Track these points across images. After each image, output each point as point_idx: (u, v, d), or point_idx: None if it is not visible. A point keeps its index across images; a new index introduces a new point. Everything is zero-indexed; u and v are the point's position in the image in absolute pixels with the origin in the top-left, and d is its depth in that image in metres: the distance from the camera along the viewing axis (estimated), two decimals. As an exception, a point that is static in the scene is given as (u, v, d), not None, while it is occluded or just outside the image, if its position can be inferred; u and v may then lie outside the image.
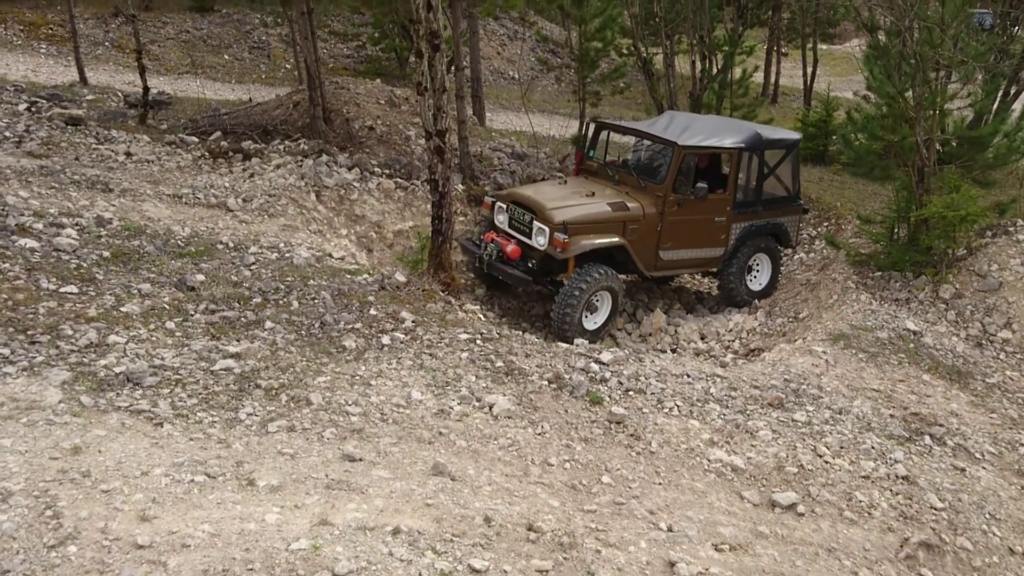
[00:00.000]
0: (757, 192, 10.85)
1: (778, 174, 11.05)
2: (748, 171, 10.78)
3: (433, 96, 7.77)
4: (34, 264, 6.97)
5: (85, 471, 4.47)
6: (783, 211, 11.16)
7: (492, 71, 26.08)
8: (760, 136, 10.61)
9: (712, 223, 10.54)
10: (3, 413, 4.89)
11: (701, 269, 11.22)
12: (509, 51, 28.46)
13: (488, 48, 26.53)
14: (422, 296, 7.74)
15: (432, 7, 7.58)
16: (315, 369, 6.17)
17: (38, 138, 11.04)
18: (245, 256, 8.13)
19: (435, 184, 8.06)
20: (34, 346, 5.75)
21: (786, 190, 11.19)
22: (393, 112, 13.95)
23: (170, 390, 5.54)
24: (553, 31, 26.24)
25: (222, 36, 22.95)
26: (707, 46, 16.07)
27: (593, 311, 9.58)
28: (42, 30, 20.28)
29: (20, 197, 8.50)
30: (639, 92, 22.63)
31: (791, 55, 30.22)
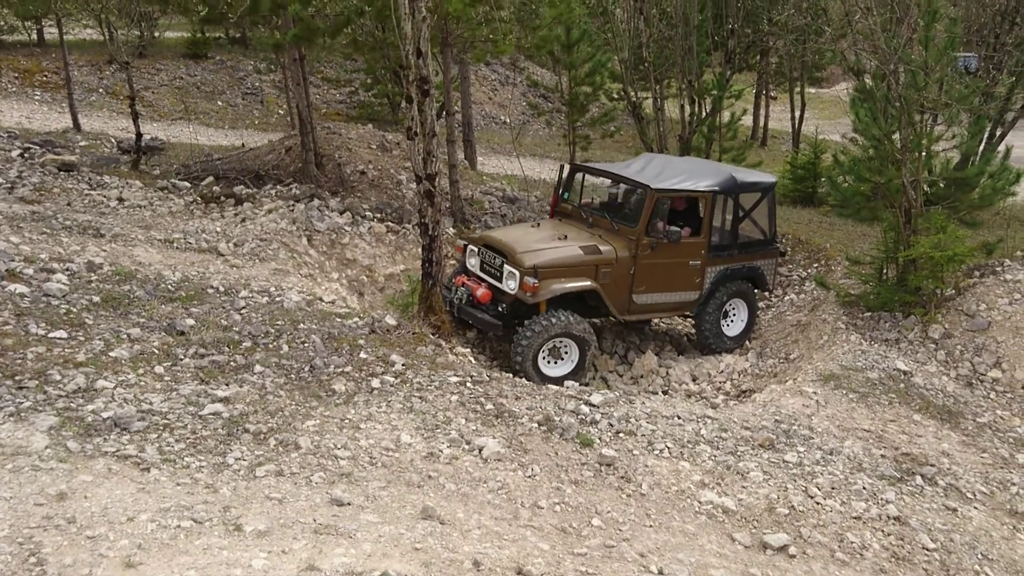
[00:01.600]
0: (732, 235, 10.76)
1: (754, 217, 11.00)
2: (723, 214, 10.71)
3: (423, 141, 7.84)
4: (23, 309, 6.97)
5: (70, 517, 4.43)
6: (759, 255, 11.00)
7: (483, 115, 26.33)
8: (735, 179, 10.52)
9: (686, 267, 10.41)
10: (-11, 459, 4.86)
11: (676, 313, 10.91)
12: (500, 96, 28.75)
13: (479, 93, 26.80)
14: (412, 339, 7.74)
15: (422, 53, 7.67)
16: (304, 413, 6.16)
17: (31, 184, 11.08)
18: (235, 300, 8.13)
19: (425, 228, 8.10)
20: (21, 391, 5.73)
21: (762, 233, 11.09)
22: (385, 157, 14.04)
23: (158, 435, 5.52)
24: (544, 76, 26.51)
25: (215, 82, 23.15)
26: (696, 90, 16.27)
27: (557, 357, 9.39)
28: (37, 77, 20.45)
29: (11, 243, 8.51)
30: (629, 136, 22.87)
31: (779, 99, 30.56)
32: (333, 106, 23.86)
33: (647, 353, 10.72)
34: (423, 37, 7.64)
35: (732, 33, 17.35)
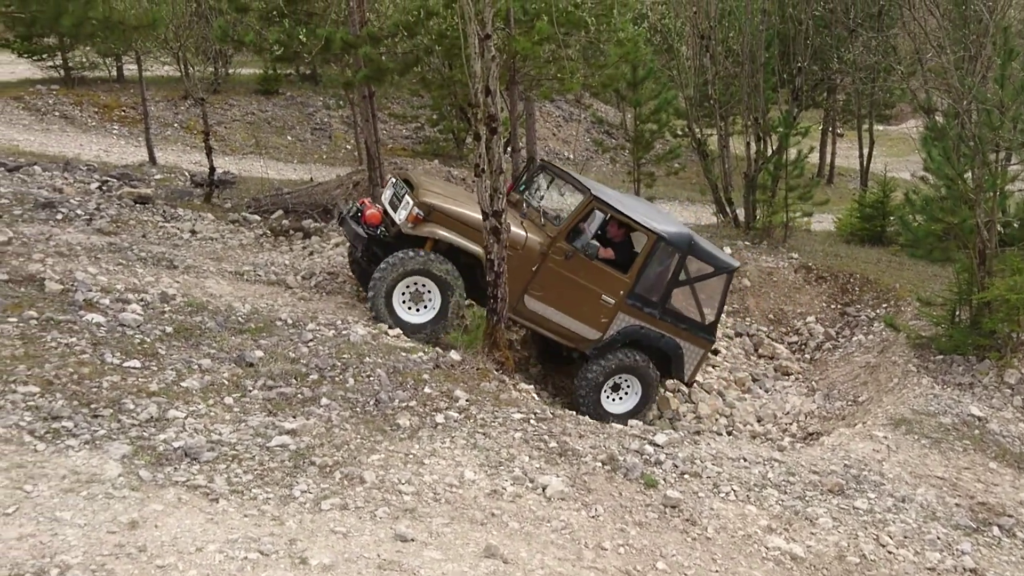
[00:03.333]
0: (663, 296, 9.74)
1: (698, 294, 10.04)
2: (661, 267, 9.75)
3: (490, 177, 7.90)
4: (100, 339, 7.15)
5: (141, 546, 4.51)
6: (686, 335, 9.91)
7: (548, 151, 26.46)
8: (690, 239, 9.71)
9: (597, 299, 9.48)
10: (64, 486, 4.98)
11: (568, 343, 9.81)
12: (564, 132, 28.90)
13: (544, 129, 26.97)
14: (476, 375, 7.76)
15: (491, 92, 7.76)
16: (369, 447, 6.20)
17: (108, 216, 11.41)
18: (303, 333, 8.24)
19: (491, 264, 8.15)
20: (96, 420, 5.86)
21: (700, 316, 10.07)
22: (450, 192, 14.16)
23: (226, 466, 5.60)
24: (608, 113, 26.61)
25: (286, 118, 23.67)
26: (762, 127, 16.16)
27: (419, 303, 9.00)
28: (115, 112, 21.11)
29: (89, 273, 8.76)
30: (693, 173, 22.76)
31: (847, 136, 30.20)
32: (399, 141, 24.20)
33: (712, 393, 10.60)
34: (492, 76, 7.74)
35: (800, 71, 17.24)
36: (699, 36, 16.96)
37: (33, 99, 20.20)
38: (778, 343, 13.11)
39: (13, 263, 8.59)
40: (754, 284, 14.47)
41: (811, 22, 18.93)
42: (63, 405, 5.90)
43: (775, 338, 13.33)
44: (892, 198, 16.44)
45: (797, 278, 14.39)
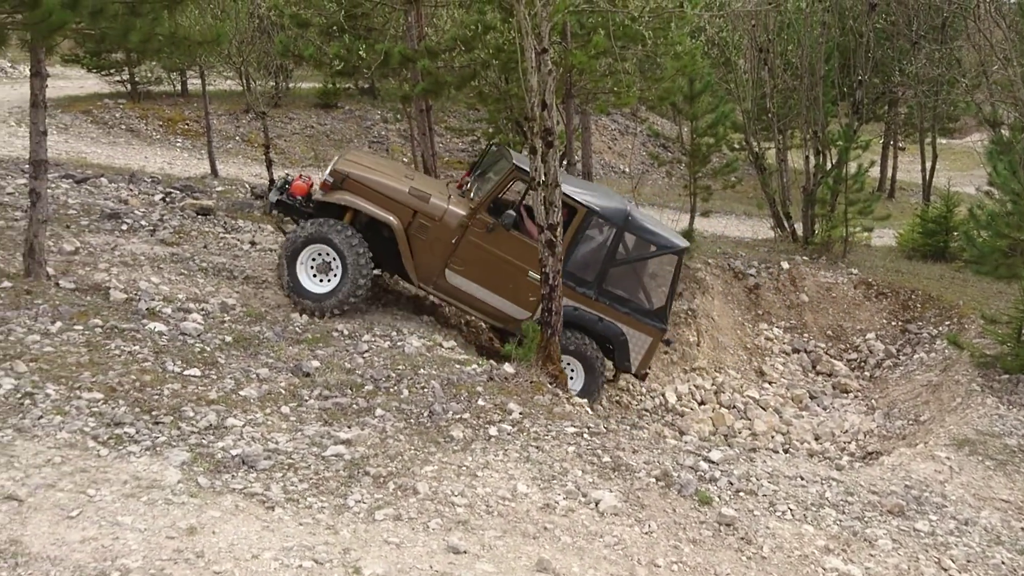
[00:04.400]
0: (599, 274, 9.25)
1: (645, 279, 9.63)
2: (595, 243, 9.29)
3: (546, 190, 7.92)
4: (161, 347, 7.30)
5: (199, 551, 4.59)
6: (631, 320, 9.35)
7: (603, 165, 26.42)
8: (627, 215, 9.27)
9: (523, 275, 9.07)
10: (125, 491, 5.08)
11: (496, 323, 9.46)
12: (620, 145, 28.83)
13: (599, 142, 26.94)
14: (530, 388, 7.76)
15: (547, 105, 7.78)
16: (423, 458, 6.23)
17: (171, 227, 11.65)
18: (359, 344, 8.32)
19: (545, 277, 8.15)
20: (157, 426, 5.98)
21: (648, 301, 9.58)
22: (505, 205, 14.21)
23: (283, 474, 5.67)
24: (664, 126, 26.48)
25: (344, 131, 23.96)
26: (821, 141, 15.96)
27: (325, 271, 8.80)
28: (179, 125, 21.57)
29: (152, 283, 8.96)
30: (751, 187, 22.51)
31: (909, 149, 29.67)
32: (455, 154, 24.35)
33: (768, 410, 10.47)
34: (549, 90, 7.76)
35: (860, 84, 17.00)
36: (757, 49, 16.81)
37: (101, 113, 20.73)
38: (836, 360, 12.90)
39: (80, 272, 8.81)
40: (812, 299, 14.27)
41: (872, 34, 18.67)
42: (126, 411, 6.04)
43: (833, 355, 13.12)
44: (955, 213, 16.08)
45: (857, 294, 14.15)
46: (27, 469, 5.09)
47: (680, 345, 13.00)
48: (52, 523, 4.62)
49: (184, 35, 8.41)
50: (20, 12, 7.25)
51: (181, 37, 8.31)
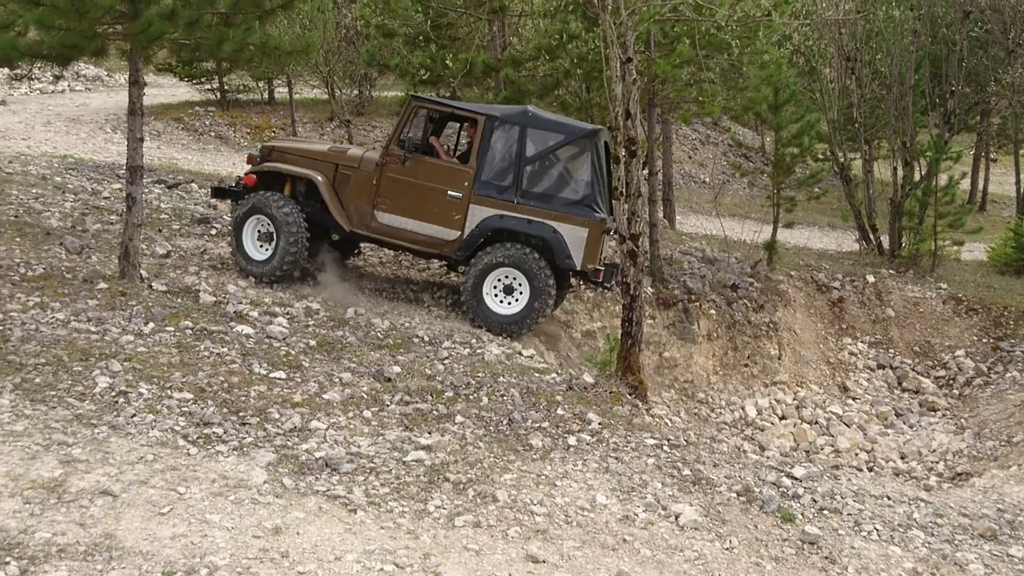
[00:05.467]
0: (516, 177, 9.19)
1: (563, 170, 9.37)
2: (504, 147, 9.27)
3: (628, 201, 7.89)
4: (248, 349, 7.47)
5: (284, 551, 4.67)
6: (560, 216, 9.15)
7: (683, 174, 26.21)
8: (526, 111, 9.33)
9: (443, 196, 9.22)
10: (214, 490, 5.21)
11: (431, 250, 9.65)
12: (700, 155, 28.58)
13: (680, 152, 26.73)
14: (609, 398, 7.72)
15: (631, 115, 7.76)
16: (502, 466, 6.24)
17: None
18: (439, 350, 8.40)
19: (627, 287, 8.12)
20: (244, 427, 6.11)
21: (575, 192, 9.30)
22: (585, 214, 14.20)
23: (364, 478, 5.74)
24: (746, 136, 26.17)
25: (425, 139, 24.22)
26: (910, 152, 15.58)
27: (267, 241, 9.42)
28: (266, 132, 22.09)
29: (239, 286, 9.18)
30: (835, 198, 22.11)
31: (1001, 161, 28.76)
32: (534, 163, 24.42)
33: (852, 426, 10.24)
34: (633, 99, 7.74)
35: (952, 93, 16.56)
36: (844, 58, 16.51)
37: (191, 120, 21.37)
38: (924, 377, 12.56)
39: (171, 275, 9.08)
40: (898, 314, 13.93)
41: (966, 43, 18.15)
42: (214, 412, 6.19)
43: (920, 372, 12.78)
44: (1052, 227, 15.54)
45: (945, 309, 13.77)
46: (121, 466, 5.25)
47: (760, 358, 12.82)
48: (144, 519, 4.76)
49: (274, 45, 8.62)
50: (121, 23, 7.52)
51: (272, 47, 8.52)
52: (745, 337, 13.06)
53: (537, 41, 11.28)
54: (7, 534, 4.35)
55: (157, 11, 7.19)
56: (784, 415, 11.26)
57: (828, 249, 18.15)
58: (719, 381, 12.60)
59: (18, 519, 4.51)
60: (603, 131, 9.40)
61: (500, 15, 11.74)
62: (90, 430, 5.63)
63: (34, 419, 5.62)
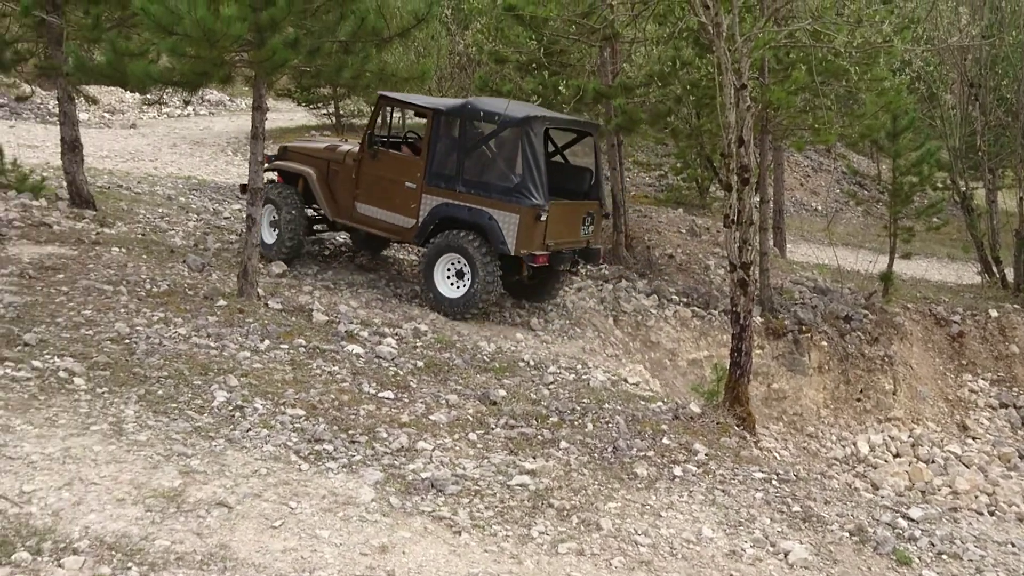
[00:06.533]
0: (457, 166, 9.73)
1: (499, 158, 9.91)
2: (448, 139, 9.91)
3: (740, 229, 7.77)
4: (358, 368, 7.63)
5: (390, 570, 4.73)
6: (495, 202, 9.48)
7: (794, 202, 25.68)
8: (466, 104, 9.87)
9: (402, 187, 10.00)
10: (323, 505, 5.31)
11: (395, 237, 10.65)
12: (812, 182, 27.96)
13: (791, 179, 26.21)
14: (716, 429, 7.59)
15: (744, 142, 7.66)
16: (606, 494, 6.19)
17: (367, 253, 12.19)
18: (544, 375, 8.41)
19: (736, 317, 7.98)
20: (353, 445, 6.23)
21: (509, 179, 9.61)
22: (693, 241, 14.08)
23: (469, 500, 5.77)
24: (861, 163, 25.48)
25: (533, 164, 24.37)
26: (1038, 182, 14.92)
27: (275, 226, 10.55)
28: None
29: (350, 306, 9.40)
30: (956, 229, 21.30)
31: None
32: (642, 188, 24.28)
33: (971, 467, 9.81)
34: (746, 126, 7.64)
35: (1085, 121, 15.79)
36: (967, 84, 15.95)
37: (308, 143, 22.00)
38: (1051, 418, 11.94)
39: (286, 294, 9.35)
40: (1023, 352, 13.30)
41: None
42: (325, 429, 6.33)
43: (1048, 413, 12.15)
44: None
45: (1076, 348, 13.08)
46: (236, 478, 5.41)
47: (874, 393, 12.42)
48: (257, 531, 4.89)
49: (391, 72, 8.85)
50: (247, 51, 7.83)
51: (389, 73, 8.75)
52: (858, 371, 12.68)
53: (649, 68, 11.26)
54: (130, 540, 4.53)
55: (281, 40, 7.46)
56: (899, 453, 10.86)
57: (947, 282, 17.49)
58: (830, 415, 12.25)
59: (140, 526, 4.69)
60: (537, 119, 9.66)
61: (612, 42, 11.76)
62: (208, 442, 5.82)
63: (156, 430, 5.85)
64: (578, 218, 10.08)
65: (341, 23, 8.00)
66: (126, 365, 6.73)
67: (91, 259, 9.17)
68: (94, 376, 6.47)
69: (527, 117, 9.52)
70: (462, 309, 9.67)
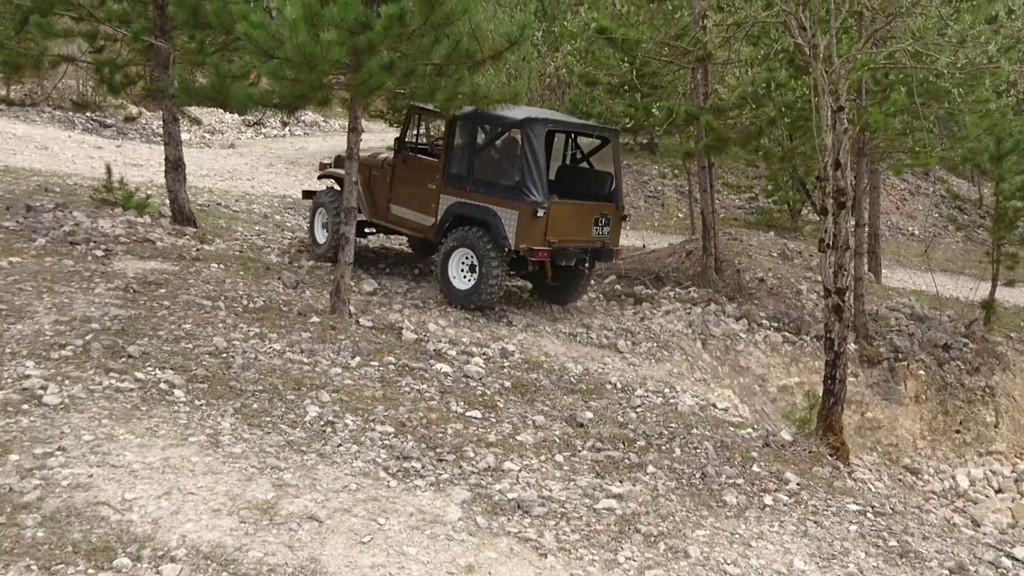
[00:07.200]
0: (468, 167, 10.41)
1: (502, 158, 10.62)
2: (462, 143, 10.59)
3: (835, 253, 7.60)
4: (446, 387, 7.69)
5: (476, 590, 4.73)
6: (498, 200, 10.07)
7: (889, 226, 25.05)
8: (475, 110, 10.09)
9: (425, 188, 10.70)
10: (411, 523, 5.36)
11: (419, 235, 11.12)
12: (909, 206, 27.23)
13: (887, 202, 25.57)
14: (808, 458, 7.41)
15: (840, 165, 7.51)
16: (694, 521, 6.10)
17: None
18: (631, 398, 8.34)
19: (830, 343, 7.80)
20: (441, 464, 6.27)
21: (510, 178, 10.16)
22: (785, 265, 13.82)
23: (555, 522, 5.74)
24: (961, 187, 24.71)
25: (621, 185, 24.30)
26: None
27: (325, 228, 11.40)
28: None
29: (439, 325, 9.48)
30: (1063, 255, 20.44)
31: None
32: (731, 211, 24.01)
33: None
34: (843, 149, 7.49)
35: None
36: (1079, 105, 15.34)
37: (398, 164, 22.35)
38: None
39: (377, 312, 9.49)
40: None
41: None
42: (413, 446, 6.39)
43: None
44: None
45: None
46: (327, 493, 5.50)
47: (975, 425, 11.98)
48: (347, 546, 4.95)
49: (483, 94, 8.93)
50: (344, 74, 8.01)
51: (481, 95, 8.84)
52: (957, 401, 12.25)
53: (742, 89, 11.13)
54: (224, 550, 4.64)
55: (378, 63, 7.62)
56: (1001, 488, 10.43)
57: (1053, 313, 16.80)
58: (927, 447, 11.85)
59: (234, 537, 4.80)
60: (537, 121, 10.12)
61: (704, 63, 11.68)
62: (300, 456, 5.93)
63: (251, 443, 5.99)
64: (589, 218, 10.50)
65: (435, 46, 8.12)
66: (223, 379, 6.92)
67: (191, 275, 9.46)
68: (193, 388, 6.66)
69: (527, 119, 10.09)
70: (472, 300, 10.21)
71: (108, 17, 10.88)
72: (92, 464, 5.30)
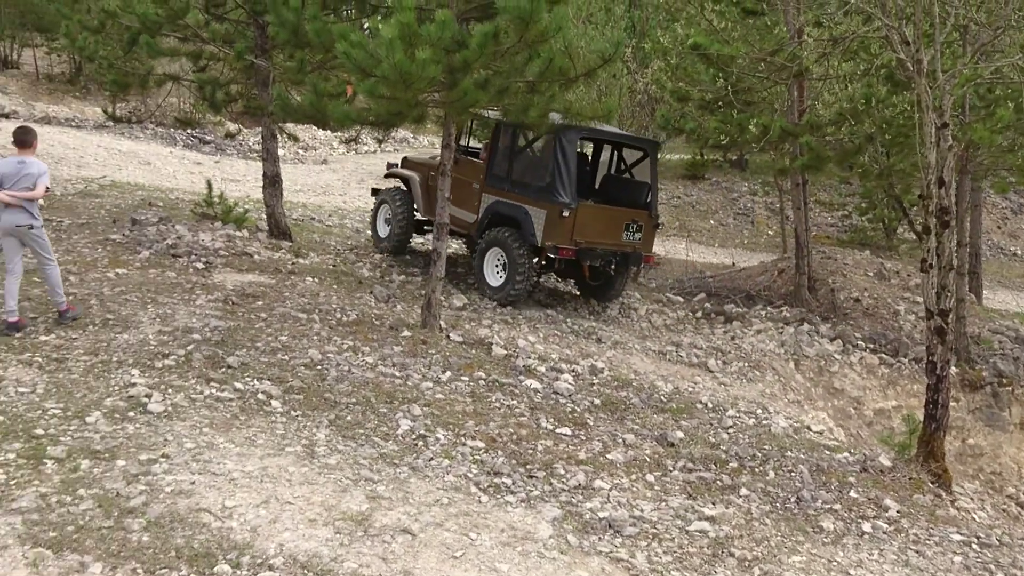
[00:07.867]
0: (507, 168, 11.05)
1: (537, 162, 11.10)
2: (504, 145, 11.17)
3: (938, 274, 7.37)
4: (536, 404, 7.68)
5: (568, 609, 4.70)
6: (530, 200, 10.70)
7: (990, 245, 24.21)
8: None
9: (470, 187, 11.36)
10: (502, 539, 5.36)
11: (463, 231, 11.78)
12: (1011, 225, 26.30)
13: (987, 220, 24.72)
14: (909, 485, 7.17)
15: (944, 183, 7.28)
16: (790, 546, 5.95)
17: (545, 289, 12.32)
18: (723, 418, 8.21)
19: (932, 366, 7.54)
20: (531, 480, 6.26)
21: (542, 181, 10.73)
22: (881, 285, 13.46)
23: (647, 543, 5.67)
24: (1069, 206, 23.72)
25: (709, 202, 24.07)
26: None
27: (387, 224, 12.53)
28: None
29: (528, 341, 9.49)
30: None
31: None
32: (824, 229, 23.51)
33: None
34: (948, 166, 7.26)
35: None
36: None
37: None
38: None
39: (467, 327, 9.55)
40: None
41: None
42: (503, 462, 6.39)
43: None
44: None
45: None
46: (419, 506, 5.54)
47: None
48: (439, 560, 4.97)
49: (576, 111, 8.94)
50: (439, 92, 8.10)
51: (574, 112, 8.84)
52: (1065, 429, 11.72)
53: (839, 106, 10.90)
54: (320, 560, 4.70)
55: (472, 81, 7.69)
56: (1113, 521, 9.90)
57: None
58: (1033, 476, 11.36)
59: (330, 547, 4.86)
60: (571, 128, 10.45)
61: (800, 79, 11.48)
62: (393, 469, 5.99)
63: (345, 454, 6.08)
64: (619, 223, 10.91)
65: (529, 64, 8.15)
66: (318, 390, 7.04)
67: (287, 288, 9.68)
68: (289, 399, 6.80)
69: (561, 125, 10.32)
70: (502, 295, 10.78)
71: (212, 37, 11.24)
72: (194, 471, 5.44)
